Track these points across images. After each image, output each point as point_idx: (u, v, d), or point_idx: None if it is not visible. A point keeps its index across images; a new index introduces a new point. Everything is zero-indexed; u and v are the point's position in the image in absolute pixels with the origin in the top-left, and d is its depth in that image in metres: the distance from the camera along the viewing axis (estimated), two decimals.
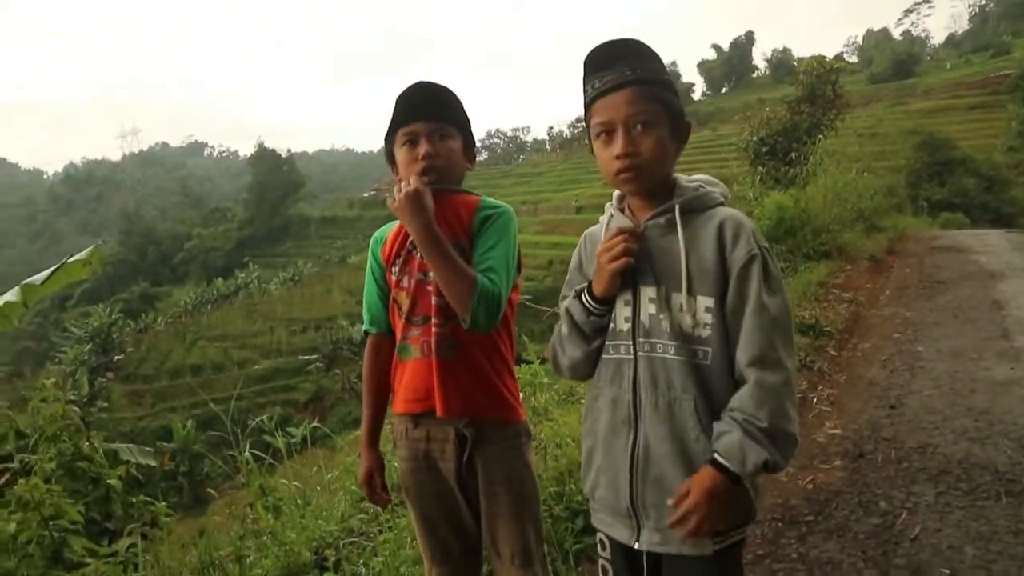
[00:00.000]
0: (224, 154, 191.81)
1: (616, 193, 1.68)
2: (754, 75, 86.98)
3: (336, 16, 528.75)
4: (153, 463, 5.64)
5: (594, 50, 1.55)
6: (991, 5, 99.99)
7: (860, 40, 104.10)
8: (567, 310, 1.64)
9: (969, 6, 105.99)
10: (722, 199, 1.58)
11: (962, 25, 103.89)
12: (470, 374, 1.81)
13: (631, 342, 1.54)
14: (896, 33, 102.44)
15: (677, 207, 1.52)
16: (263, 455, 4.50)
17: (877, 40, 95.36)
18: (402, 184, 1.77)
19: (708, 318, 1.47)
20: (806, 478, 3.54)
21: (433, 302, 1.81)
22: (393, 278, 1.91)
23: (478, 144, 2.03)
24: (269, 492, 3.96)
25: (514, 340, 1.95)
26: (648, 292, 1.52)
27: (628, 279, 1.54)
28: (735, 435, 1.41)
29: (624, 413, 1.54)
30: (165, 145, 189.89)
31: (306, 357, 34.52)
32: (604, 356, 1.60)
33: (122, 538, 2.70)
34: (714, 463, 1.42)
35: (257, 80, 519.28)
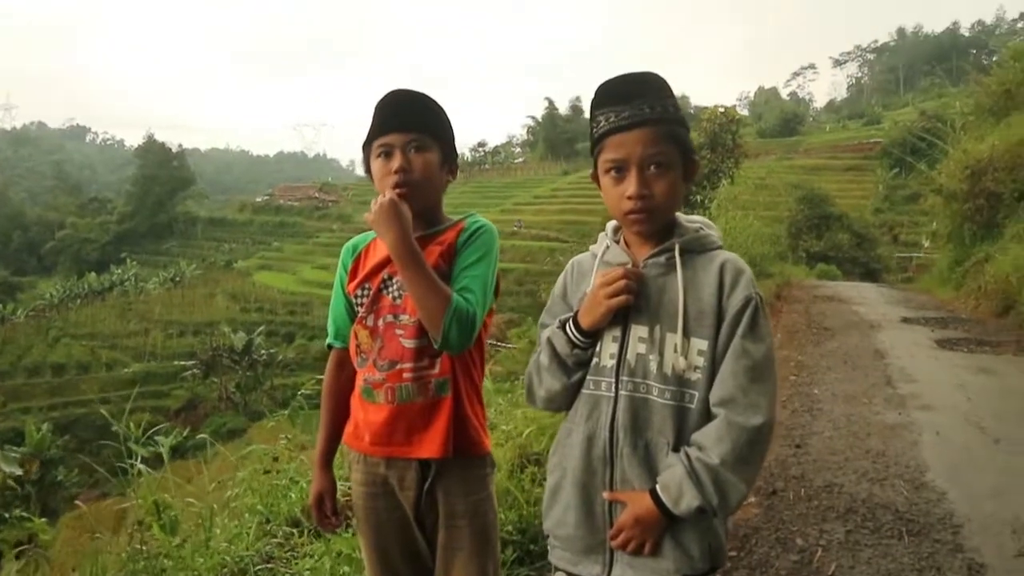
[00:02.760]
0: (108, 142, 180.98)
1: (612, 224, 1.63)
2: None
3: (238, 13, 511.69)
4: (17, 471, 5.14)
5: (611, 81, 1.50)
6: (866, 78, 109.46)
7: (752, 96, 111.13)
8: (549, 340, 1.57)
9: (848, 76, 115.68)
10: (720, 243, 1.56)
11: (841, 93, 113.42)
12: (442, 416, 1.70)
13: (613, 379, 1.49)
14: (784, 93, 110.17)
15: (677, 247, 1.49)
16: (144, 467, 4.15)
17: (767, 97, 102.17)
18: (378, 197, 1.68)
19: (700, 361, 1.43)
20: None
21: (407, 346, 1.70)
22: (356, 308, 1.79)
23: None
24: (163, 509, 3.63)
25: (485, 365, 1.86)
26: (639, 331, 1.48)
27: (619, 315, 1.49)
28: (678, 470, 1.39)
29: (600, 451, 1.49)
30: (42, 125, 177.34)
31: (182, 363, 32.63)
32: (583, 391, 1.54)
33: (6, 560, 2.37)
34: (653, 493, 1.41)
35: (150, 68, 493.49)
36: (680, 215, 1.57)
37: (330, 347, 1.87)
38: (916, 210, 31.29)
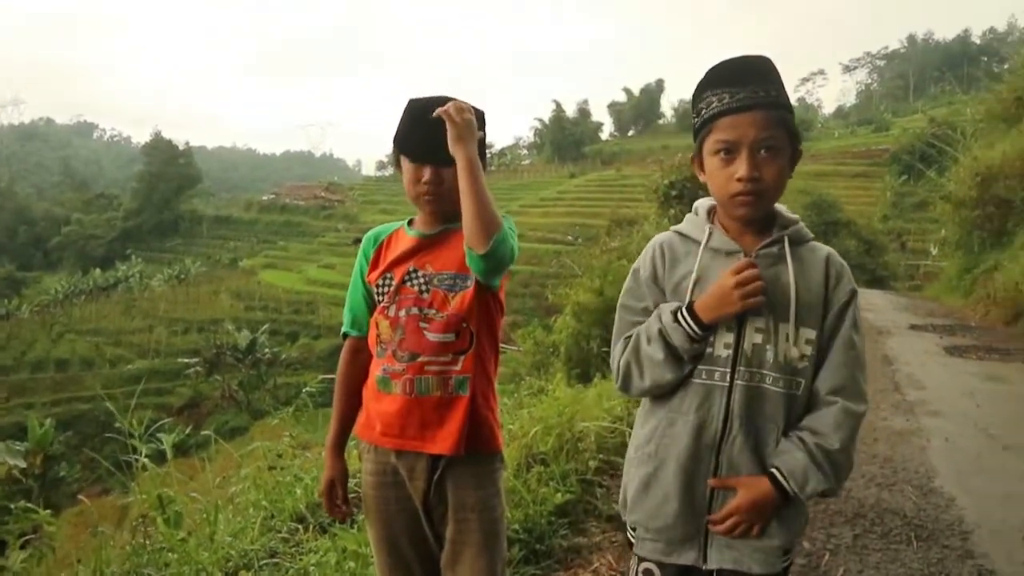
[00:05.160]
0: (115, 138, 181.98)
1: (703, 204, 1.60)
2: (661, 121, 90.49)
3: (247, 12, 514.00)
4: (22, 464, 5.15)
5: (725, 63, 1.50)
6: (875, 85, 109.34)
7: None
8: (661, 333, 1.49)
9: (857, 83, 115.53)
10: (812, 235, 1.58)
11: (850, 99, 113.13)
12: (457, 414, 1.69)
13: (729, 369, 1.47)
14: (793, 98, 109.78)
15: (787, 238, 1.50)
16: (148, 461, 4.13)
17: None
18: (456, 105, 1.65)
19: (808, 350, 1.48)
20: None
21: (432, 339, 1.70)
22: (377, 298, 1.78)
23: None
24: (167, 503, 3.62)
25: (498, 361, 1.84)
26: (756, 322, 1.47)
27: None
28: (800, 456, 1.44)
29: (710, 439, 1.49)
30: (50, 121, 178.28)
31: (186, 360, 32.65)
32: (693, 381, 1.50)
33: (11, 550, 2.36)
34: (772, 478, 1.45)
35: (158, 66, 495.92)
36: (777, 204, 1.55)
37: (345, 336, 1.86)
38: (924, 217, 31.15)
